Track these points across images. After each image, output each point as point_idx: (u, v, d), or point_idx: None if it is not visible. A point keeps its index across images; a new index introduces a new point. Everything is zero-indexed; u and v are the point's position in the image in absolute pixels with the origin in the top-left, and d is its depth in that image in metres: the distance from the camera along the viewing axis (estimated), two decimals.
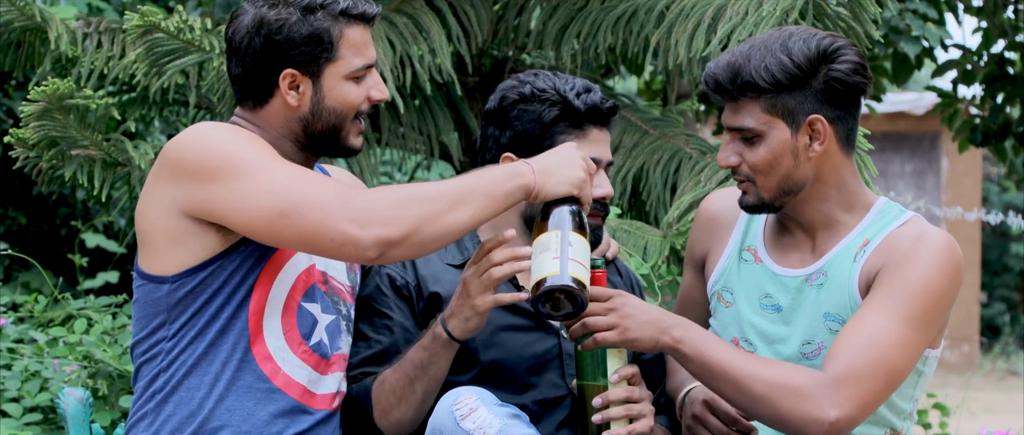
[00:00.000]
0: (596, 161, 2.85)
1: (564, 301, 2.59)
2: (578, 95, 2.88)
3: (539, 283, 2.58)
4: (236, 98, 2.80)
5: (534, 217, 2.76)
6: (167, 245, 2.66)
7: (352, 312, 2.87)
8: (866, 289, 2.74)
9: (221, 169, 2.60)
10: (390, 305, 2.91)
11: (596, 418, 2.70)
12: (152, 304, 2.70)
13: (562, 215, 2.63)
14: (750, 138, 2.76)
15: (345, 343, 2.82)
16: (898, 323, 2.66)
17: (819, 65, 2.72)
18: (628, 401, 2.72)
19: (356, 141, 2.81)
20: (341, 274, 2.85)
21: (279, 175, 2.59)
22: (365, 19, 2.77)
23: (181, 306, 2.68)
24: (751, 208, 2.82)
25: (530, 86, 2.90)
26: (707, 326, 3.00)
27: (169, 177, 2.64)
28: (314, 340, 2.76)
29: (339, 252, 2.54)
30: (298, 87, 2.73)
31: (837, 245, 2.81)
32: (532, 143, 2.87)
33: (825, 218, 2.82)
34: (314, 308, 2.76)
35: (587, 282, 2.60)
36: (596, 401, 2.70)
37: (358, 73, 2.76)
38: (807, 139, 2.75)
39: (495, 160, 2.90)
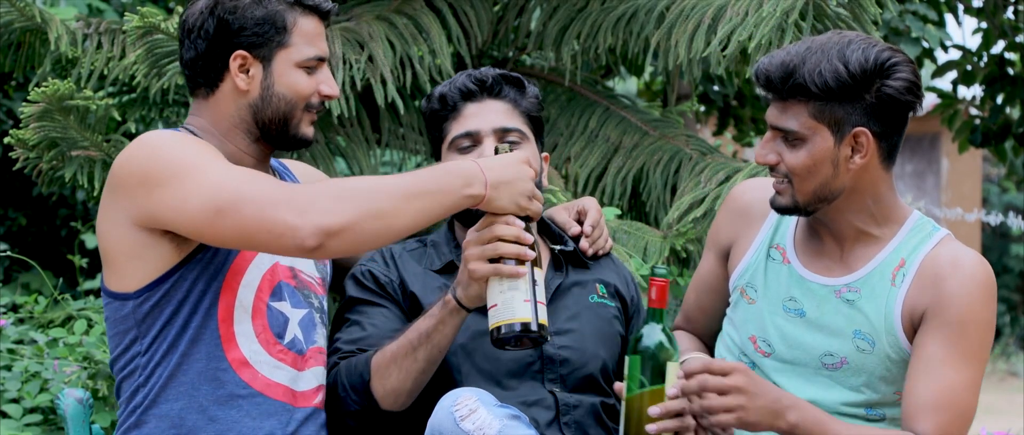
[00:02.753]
0: (472, 134, 2.93)
1: (527, 343, 2.63)
2: (449, 85, 2.98)
3: (509, 323, 2.60)
4: (189, 87, 2.80)
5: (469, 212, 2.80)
6: (126, 261, 2.66)
7: (325, 304, 2.86)
8: (909, 323, 2.75)
9: (162, 174, 2.59)
10: (379, 297, 2.92)
11: (651, 428, 2.63)
12: (121, 321, 2.71)
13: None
14: (792, 140, 2.73)
15: (320, 336, 2.82)
16: (966, 369, 2.70)
17: (874, 78, 2.68)
18: (681, 413, 2.69)
19: (308, 130, 2.80)
20: (309, 267, 2.84)
21: (217, 173, 2.57)
22: (319, 12, 2.78)
23: (149, 320, 2.68)
24: (783, 210, 2.80)
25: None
26: (721, 314, 2.99)
27: (118, 191, 2.65)
28: (288, 338, 2.75)
29: (277, 243, 2.51)
30: (248, 70, 2.73)
31: (871, 261, 2.79)
32: (435, 145, 3.01)
33: (857, 229, 2.80)
34: (283, 306, 2.75)
35: (547, 321, 2.65)
36: (654, 410, 2.64)
37: (309, 63, 2.76)
38: (849, 150, 2.72)
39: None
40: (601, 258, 3.11)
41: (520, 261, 2.65)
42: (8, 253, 4.47)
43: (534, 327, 2.61)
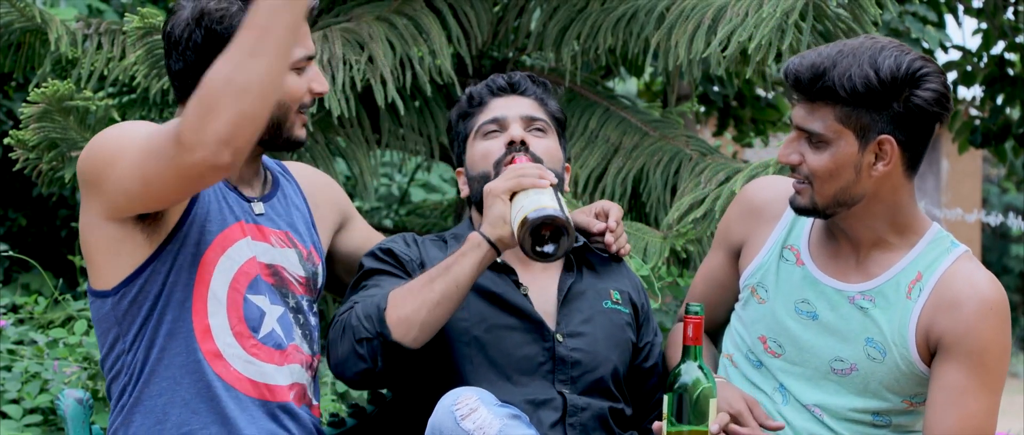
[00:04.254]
0: (499, 120, 2.98)
1: (549, 237, 2.65)
2: (478, 85, 3.05)
3: (535, 209, 2.64)
4: (177, 96, 2.79)
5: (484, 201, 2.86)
6: (103, 259, 2.68)
7: (306, 305, 2.84)
8: (924, 342, 2.75)
9: (108, 161, 2.60)
10: (396, 269, 2.92)
11: None
12: (104, 320, 2.72)
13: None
14: (816, 142, 2.71)
15: (298, 336, 2.81)
16: (988, 398, 2.73)
17: (904, 87, 2.66)
18: None
19: (300, 133, 2.81)
20: (294, 265, 2.83)
21: (137, 143, 2.55)
22: None
23: (129, 317, 2.69)
24: (802, 210, 2.78)
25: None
26: (728, 308, 2.98)
27: (84, 190, 2.66)
28: (264, 332, 2.74)
29: (201, 183, 2.49)
30: None
31: (887, 271, 2.78)
32: (461, 145, 3.06)
33: (874, 236, 2.79)
34: (260, 300, 2.75)
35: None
36: None
37: (300, 63, 2.76)
38: (873, 157, 2.70)
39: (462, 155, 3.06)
40: (614, 265, 3.11)
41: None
42: (8, 253, 4.47)
43: (562, 216, 2.63)
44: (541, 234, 2.66)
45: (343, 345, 2.78)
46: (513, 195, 2.74)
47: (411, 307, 2.74)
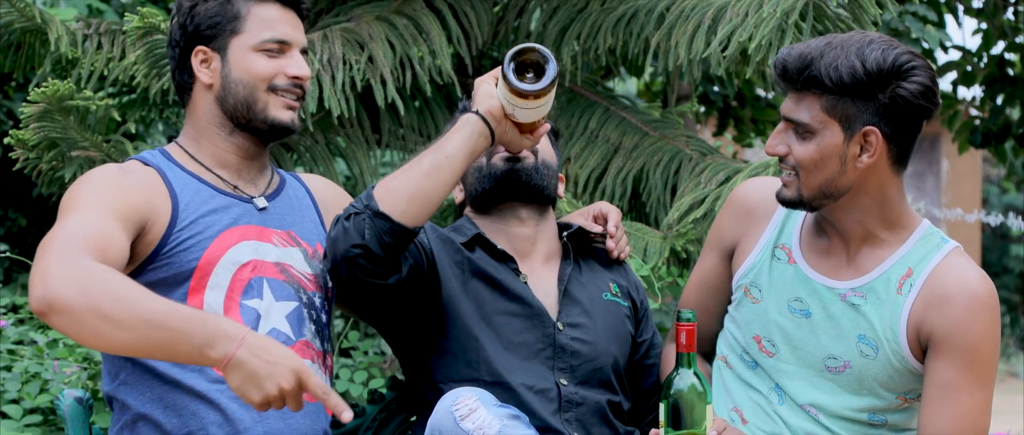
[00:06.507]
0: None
1: (534, 77, 2.71)
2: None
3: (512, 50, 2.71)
4: (178, 96, 2.88)
5: (479, 193, 2.96)
6: None
7: (316, 300, 2.85)
8: (915, 338, 2.76)
9: (63, 209, 2.62)
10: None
11: None
12: None
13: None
14: (802, 133, 2.73)
15: (309, 331, 2.81)
16: (980, 393, 2.73)
17: (889, 79, 2.67)
18: None
19: (280, 114, 2.82)
20: (300, 263, 2.84)
21: (67, 222, 2.54)
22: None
23: None
24: (788, 203, 2.79)
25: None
26: (722, 314, 2.98)
27: None
28: (263, 333, 2.73)
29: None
30: (210, 64, 2.80)
31: (878, 266, 2.79)
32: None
33: (863, 230, 2.79)
34: (256, 304, 2.74)
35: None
36: None
37: (266, 45, 2.80)
38: (857, 149, 2.71)
39: None
40: (614, 263, 3.12)
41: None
42: (8, 254, 4.47)
43: (537, 45, 2.70)
44: (526, 75, 2.72)
45: (334, 229, 2.77)
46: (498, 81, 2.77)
47: (399, 179, 2.74)
